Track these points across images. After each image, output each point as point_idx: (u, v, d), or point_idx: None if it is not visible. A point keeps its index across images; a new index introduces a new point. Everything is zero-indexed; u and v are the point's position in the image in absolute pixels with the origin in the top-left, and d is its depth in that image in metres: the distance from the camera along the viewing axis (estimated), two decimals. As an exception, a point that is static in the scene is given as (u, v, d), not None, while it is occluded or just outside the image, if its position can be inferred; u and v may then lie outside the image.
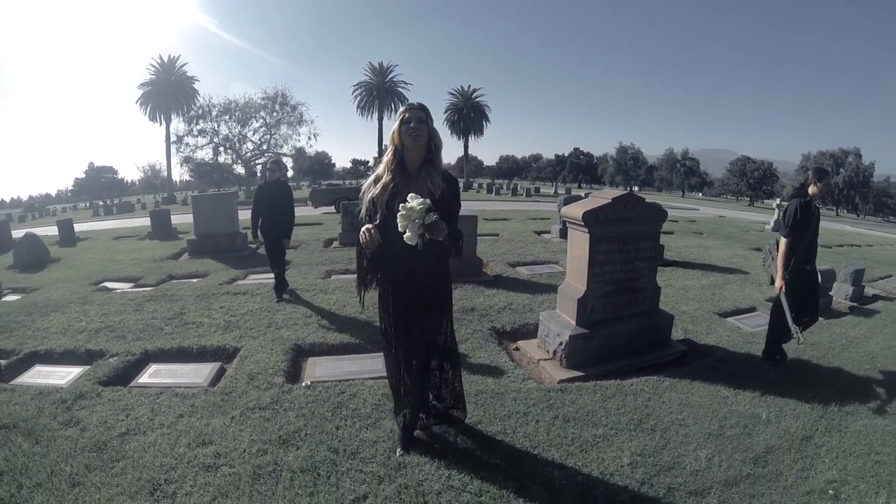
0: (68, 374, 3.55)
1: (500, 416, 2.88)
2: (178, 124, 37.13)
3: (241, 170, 39.94)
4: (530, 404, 3.01)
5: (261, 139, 37.58)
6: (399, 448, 2.50)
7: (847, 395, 3.28)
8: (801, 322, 3.61)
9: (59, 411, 2.92)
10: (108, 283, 6.71)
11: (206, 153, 37.57)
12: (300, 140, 38.37)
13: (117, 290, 6.20)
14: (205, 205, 8.98)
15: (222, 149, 37.42)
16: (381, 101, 42.12)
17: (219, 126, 36.47)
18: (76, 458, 2.45)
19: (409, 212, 1.97)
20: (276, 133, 37.42)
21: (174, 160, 38.22)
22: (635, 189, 51.64)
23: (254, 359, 3.69)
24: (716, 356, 3.94)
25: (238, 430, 2.71)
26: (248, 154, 37.73)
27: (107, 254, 9.41)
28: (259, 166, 35.76)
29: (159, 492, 2.21)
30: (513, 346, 4.15)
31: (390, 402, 2.75)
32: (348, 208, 8.98)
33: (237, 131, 36.86)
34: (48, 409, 2.93)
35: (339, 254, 8.21)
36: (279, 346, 3.95)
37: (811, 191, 3.59)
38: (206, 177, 45.51)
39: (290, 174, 47.47)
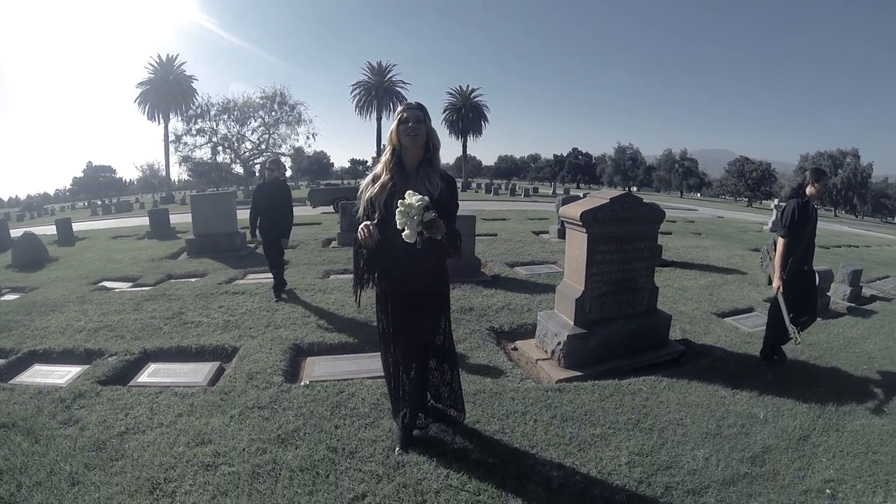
0: (67, 373, 3.55)
1: (498, 415, 2.89)
2: (177, 123, 37.24)
3: (239, 169, 39.93)
4: (528, 404, 3.02)
5: (259, 139, 37.59)
6: (398, 447, 2.51)
7: (844, 395, 3.29)
8: (799, 322, 3.62)
9: (58, 410, 2.92)
10: (107, 283, 6.70)
11: (204, 152, 37.60)
12: (299, 140, 38.44)
13: (116, 290, 6.19)
14: (203, 204, 8.97)
15: (221, 148, 37.41)
16: (380, 100, 42.10)
17: (217, 125, 36.52)
18: (76, 456, 2.46)
19: (407, 208, 1.96)
20: (274, 132, 37.45)
21: (172, 159, 38.32)
22: (634, 189, 51.67)
23: (253, 358, 3.69)
24: (713, 356, 3.96)
25: (237, 430, 2.71)
26: (247, 153, 37.72)
27: (105, 253, 9.39)
28: (257, 166, 35.75)
29: (159, 490, 2.22)
30: (511, 346, 4.16)
31: (388, 402, 2.75)
32: (347, 208, 8.98)
33: (236, 131, 36.90)
34: (47, 409, 2.94)
35: (337, 253, 8.21)
36: (278, 345, 3.96)
37: (808, 191, 3.61)
38: (204, 176, 45.49)
39: (288, 174, 47.46)
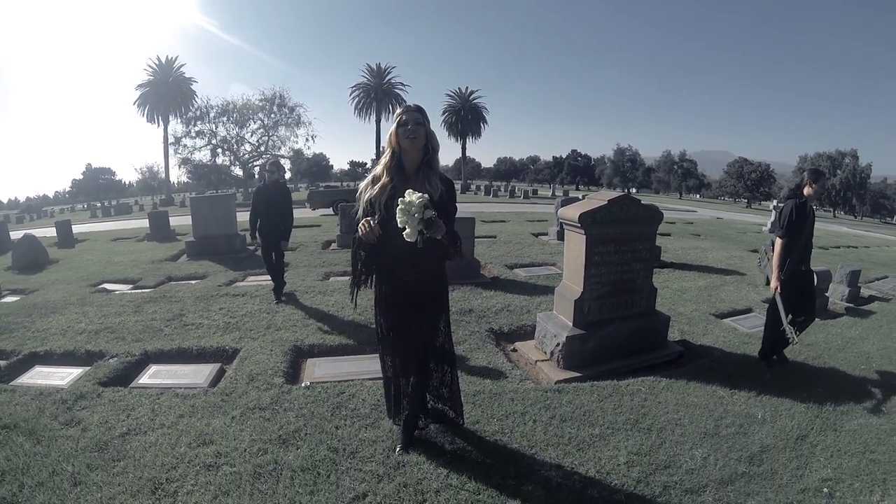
0: (68, 374, 3.56)
1: (497, 416, 2.91)
2: (176, 126, 37.28)
3: (238, 171, 39.97)
4: (528, 404, 3.04)
5: (258, 141, 37.68)
6: (398, 447, 2.53)
7: (842, 395, 3.31)
8: (797, 322, 3.63)
9: (59, 411, 2.93)
10: (108, 285, 6.71)
11: (203, 155, 37.72)
12: (298, 142, 38.54)
13: (116, 292, 6.20)
14: (203, 206, 8.98)
15: (220, 150, 37.50)
16: (379, 102, 42.10)
17: (217, 127, 36.64)
18: (77, 457, 2.47)
19: (408, 206, 1.97)
20: (273, 135, 37.54)
21: (172, 161, 38.31)
22: (633, 191, 51.73)
23: (253, 360, 3.71)
24: (712, 357, 3.97)
25: (238, 430, 2.73)
26: (246, 156, 37.78)
27: (105, 255, 9.40)
28: (257, 168, 35.81)
29: (161, 491, 2.23)
30: (510, 348, 4.17)
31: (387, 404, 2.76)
32: (346, 210, 8.99)
33: (235, 133, 36.98)
34: (49, 410, 2.95)
35: (337, 256, 8.23)
36: (278, 347, 3.97)
37: (806, 192, 3.63)
38: (203, 178, 45.51)
39: (287, 176, 47.51)
